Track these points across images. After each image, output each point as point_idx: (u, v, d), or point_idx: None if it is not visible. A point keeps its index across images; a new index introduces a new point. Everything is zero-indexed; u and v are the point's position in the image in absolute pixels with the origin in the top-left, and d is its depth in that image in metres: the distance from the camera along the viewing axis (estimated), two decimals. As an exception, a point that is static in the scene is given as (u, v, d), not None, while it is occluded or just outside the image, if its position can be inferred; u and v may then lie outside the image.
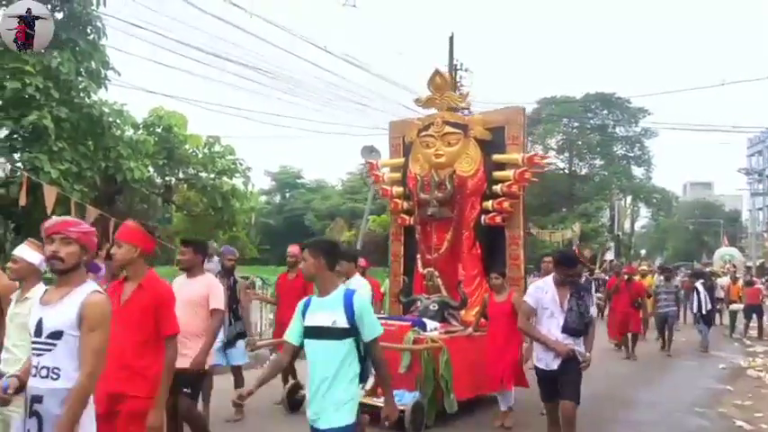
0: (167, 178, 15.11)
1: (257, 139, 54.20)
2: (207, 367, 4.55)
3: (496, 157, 7.24)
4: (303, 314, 3.32)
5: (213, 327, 4.60)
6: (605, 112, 42.14)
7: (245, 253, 19.81)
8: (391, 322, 6.43)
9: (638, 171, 43.11)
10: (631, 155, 42.74)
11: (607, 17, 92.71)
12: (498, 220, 7.11)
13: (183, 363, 3.93)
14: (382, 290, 9.41)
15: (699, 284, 12.82)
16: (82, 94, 10.07)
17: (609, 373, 9.08)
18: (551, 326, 4.75)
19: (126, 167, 10.69)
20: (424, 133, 7.36)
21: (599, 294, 14.53)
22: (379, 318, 6.00)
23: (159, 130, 13.72)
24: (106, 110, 10.56)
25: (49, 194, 7.60)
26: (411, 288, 7.52)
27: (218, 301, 4.61)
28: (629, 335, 11.35)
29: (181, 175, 15.01)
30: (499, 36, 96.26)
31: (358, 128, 52.76)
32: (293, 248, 7.21)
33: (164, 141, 13.58)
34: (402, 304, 7.41)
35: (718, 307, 15.37)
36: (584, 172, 43.02)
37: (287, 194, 49.55)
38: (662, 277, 12.92)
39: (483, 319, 6.52)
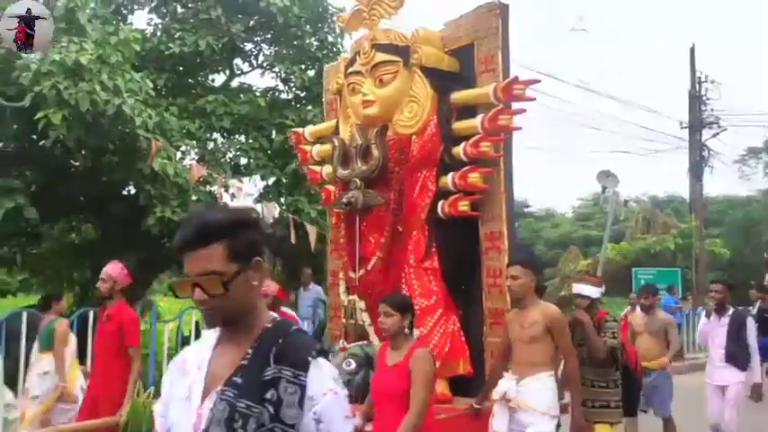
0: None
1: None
2: None
3: (456, 95, 4.23)
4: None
5: None
6: None
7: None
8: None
9: None
10: None
11: None
12: (464, 207, 4.12)
13: None
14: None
15: None
16: (330, 141, 11.23)
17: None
18: None
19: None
20: (350, 70, 4.49)
21: None
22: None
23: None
24: (350, 153, 11.64)
25: (311, 232, 8.47)
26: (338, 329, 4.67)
27: None
28: None
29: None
30: (750, 40, 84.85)
31: (595, 153, 49.96)
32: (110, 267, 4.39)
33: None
34: None
35: None
36: None
37: (515, 224, 49.24)
38: None
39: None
